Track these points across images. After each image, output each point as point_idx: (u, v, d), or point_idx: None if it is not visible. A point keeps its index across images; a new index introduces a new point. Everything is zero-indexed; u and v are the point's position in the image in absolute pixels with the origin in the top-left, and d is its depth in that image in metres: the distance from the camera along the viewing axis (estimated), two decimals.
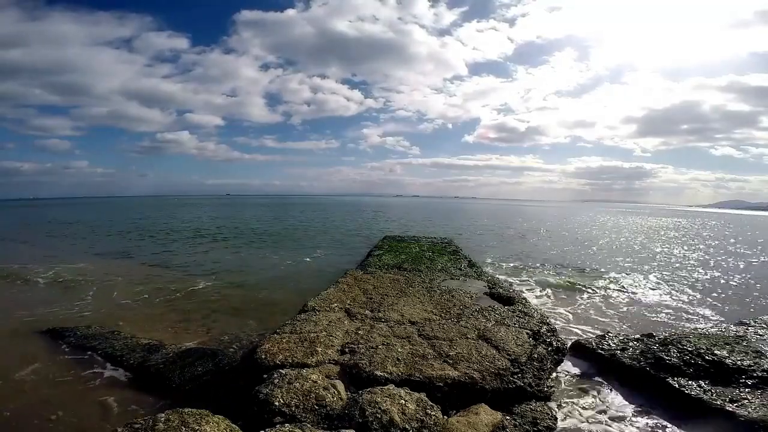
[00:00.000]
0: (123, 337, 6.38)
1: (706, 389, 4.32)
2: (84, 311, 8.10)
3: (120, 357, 5.50)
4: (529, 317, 6.30)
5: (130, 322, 7.37)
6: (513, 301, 7.37)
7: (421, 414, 3.46)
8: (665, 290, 10.60)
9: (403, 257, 11.93)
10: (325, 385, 3.80)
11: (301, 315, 6.10)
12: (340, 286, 7.99)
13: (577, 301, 9.25)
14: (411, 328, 5.64)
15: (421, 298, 7.28)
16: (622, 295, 9.97)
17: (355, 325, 5.73)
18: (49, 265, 12.70)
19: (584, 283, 11.12)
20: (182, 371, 4.98)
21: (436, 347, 4.90)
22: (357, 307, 6.58)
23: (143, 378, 5.00)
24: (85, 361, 5.58)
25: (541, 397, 4.19)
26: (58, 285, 10.33)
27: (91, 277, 11.08)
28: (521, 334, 5.48)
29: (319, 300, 6.88)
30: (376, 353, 4.62)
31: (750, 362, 4.73)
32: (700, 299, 9.73)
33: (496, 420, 3.62)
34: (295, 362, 4.38)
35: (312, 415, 3.44)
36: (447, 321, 5.99)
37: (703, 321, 7.90)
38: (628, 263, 15.14)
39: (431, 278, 9.14)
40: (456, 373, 4.23)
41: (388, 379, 4.06)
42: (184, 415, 3.05)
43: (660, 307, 8.88)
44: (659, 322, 7.82)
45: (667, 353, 5.00)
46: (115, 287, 10.02)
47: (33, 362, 5.57)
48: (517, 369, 4.47)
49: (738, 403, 4.02)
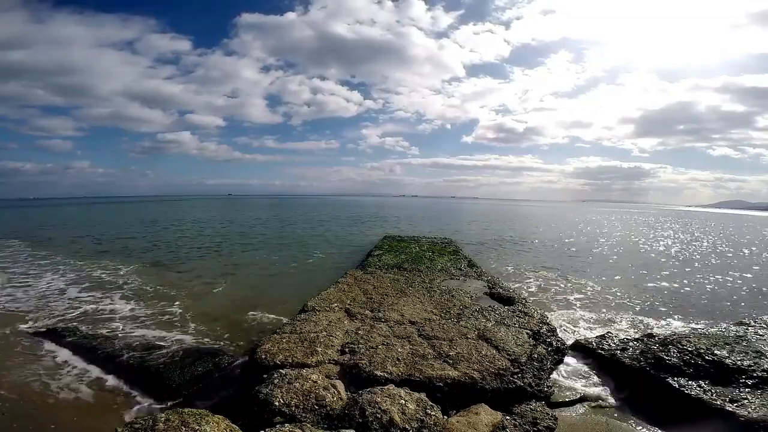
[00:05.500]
0: (123, 338, 6.39)
1: (706, 389, 4.31)
2: (85, 311, 8.10)
3: (120, 357, 5.50)
4: (529, 317, 6.30)
5: (130, 321, 7.37)
6: (513, 301, 7.37)
7: (421, 414, 3.46)
8: (665, 290, 10.60)
9: (403, 257, 11.93)
10: (325, 385, 3.80)
11: (301, 315, 6.10)
12: (340, 286, 7.99)
13: (577, 301, 9.25)
14: (411, 328, 5.64)
15: (421, 298, 7.28)
16: (622, 295, 9.97)
17: (355, 325, 5.72)
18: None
19: (585, 282, 11.13)
20: (182, 371, 4.98)
21: (436, 347, 4.90)
22: (357, 307, 6.58)
23: (143, 378, 5.00)
24: (85, 361, 5.58)
25: (541, 397, 4.18)
26: (61, 285, 10.32)
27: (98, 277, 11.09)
28: (521, 334, 5.47)
29: (319, 300, 6.88)
30: (376, 353, 4.62)
31: (750, 362, 4.72)
32: (701, 299, 9.73)
33: (496, 420, 3.61)
34: (295, 362, 4.38)
35: (312, 415, 3.44)
36: (447, 321, 5.99)
37: (703, 321, 7.90)
38: (629, 263, 15.14)
39: (431, 278, 9.13)
40: (456, 373, 4.22)
41: (388, 379, 4.06)
42: (184, 415, 3.05)
43: (660, 307, 8.88)
44: (660, 321, 7.82)
45: (667, 353, 5.00)
46: (117, 287, 10.02)
47: (33, 362, 5.58)
48: (517, 369, 4.47)
49: (738, 403, 4.02)
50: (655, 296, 9.91)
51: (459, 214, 53.72)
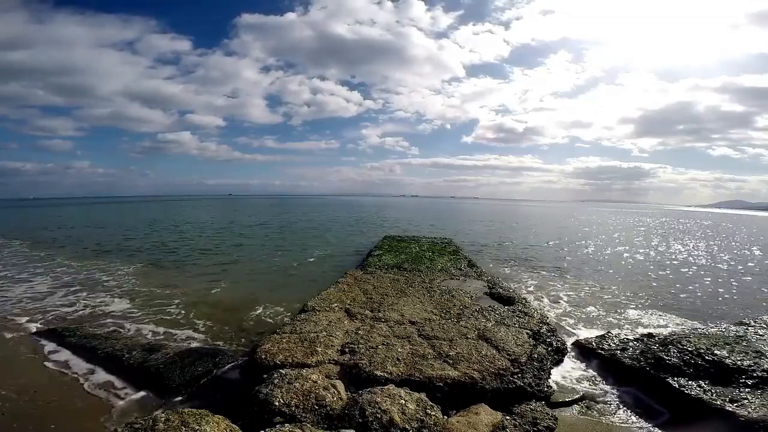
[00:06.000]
0: (123, 337, 6.39)
1: (706, 389, 4.31)
2: (85, 311, 8.11)
3: (120, 357, 5.50)
4: (529, 317, 6.30)
5: (130, 321, 7.37)
6: (513, 301, 7.37)
7: (421, 414, 3.46)
8: (666, 290, 10.60)
9: (403, 257, 11.93)
10: (325, 385, 3.80)
11: (301, 315, 6.11)
12: (340, 286, 7.99)
13: (577, 301, 9.25)
14: (411, 328, 5.64)
15: (421, 298, 7.28)
16: (622, 295, 9.97)
17: (355, 325, 5.73)
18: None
19: (584, 282, 11.12)
20: (182, 371, 4.98)
21: (436, 347, 4.90)
22: (357, 307, 6.58)
23: (143, 378, 5.00)
24: (85, 361, 5.58)
25: (541, 397, 4.19)
26: (61, 285, 10.33)
27: (98, 277, 11.09)
28: (521, 334, 5.48)
29: (319, 300, 6.88)
30: (376, 353, 4.62)
31: (750, 362, 4.72)
32: (701, 299, 9.72)
33: (496, 420, 3.62)
34: (295, 362, 4.39)
35: (312, 415, 3.44)
36: (447, 321, 6.00)
37: (703, 321, 7.89)
38: (630, 263, 15.14)
39: (431, 278, 9.14)
40: (456, 373, 4.23)
41: (388, 379, 4.07)
42: (184, 415, 3.05)
43: (660, 307, 8.87)
44: (659, 322, 7.82)
45: (667, 353, 5.00)
46: (117, 287, 10.02)
47: (33, 362, 5.58)
48: (517, 369, 4.47)
49: (738, 403, 4.02)
50: (656, 296, 9.91)
51: (459, 214, 53.71)
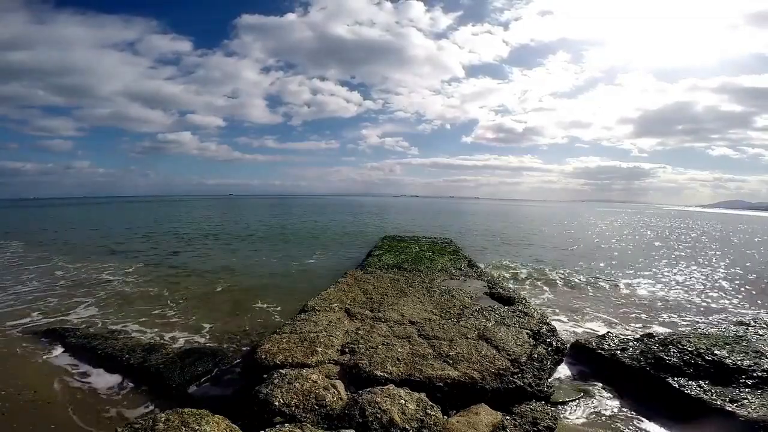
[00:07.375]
0: (123, 338, 6.39)
1: (706, 389, 4.31)
2: (86, 312, 8.10)
3: (120, 357, 5.49)
4: (529, 317, 6.30)
5: (130, 322, 7.37)
6: (513, 301, 7.37)
7: (421, 414, 3.46)
8: (665, 291, 10.60)
9: (403, 257, 11.93)
10: (325, 385, 3.80)
11: (301, 315, 6.11)
12: (340, 286, 8.00)
13: (577, 301, 9.25)
14: (411, 328, 5.64)
15: (421, 298, 7.28)
16: (622, 294, 9.97)
17: (355, 325, 5.73)
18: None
19: (584, 282, 11.12)
20: (182, 371, 4.98)
21: (436, 347, 4.90)
22: (357, 307, 6.58)
23: (143, 378, 5.00)
24: (85, 361, 5.58)
25: (541, 397, 4.19)
26: (61, 285, 10.33)
27: (99, 277, 11.09)
28: (521, 334, 5.48)
29: (319, 300, 6.88)
30: (376, 353, 4.62)
31: (750, 362, 4.72)
32: (701, 299, 9.72)
33: (496, 420, 3.62)
34: (295, 362, 4.39)
35: (312, 415, 3.44)
36: (447, 321, 6.00)
37: (703, 321, 7.90)
38: (630, 263, 15.14)
39: (431, 278, 9.14)
40: (456, 373, 4.23)
41: (388, 379, 4.07)
42: (184, 415, 3.05)
43: (660, 307, 8.87)
44: (659, 322, 7.82)
45: (667, 353, 5.00)
46: (118, 287, 10.02)
47: (33, 362, 5.58)
48: (517, 369, 4.47)
49: (738, 403, 4.01)
50: (656, 296, 9.91)
51: (459, 214, 53.72)
